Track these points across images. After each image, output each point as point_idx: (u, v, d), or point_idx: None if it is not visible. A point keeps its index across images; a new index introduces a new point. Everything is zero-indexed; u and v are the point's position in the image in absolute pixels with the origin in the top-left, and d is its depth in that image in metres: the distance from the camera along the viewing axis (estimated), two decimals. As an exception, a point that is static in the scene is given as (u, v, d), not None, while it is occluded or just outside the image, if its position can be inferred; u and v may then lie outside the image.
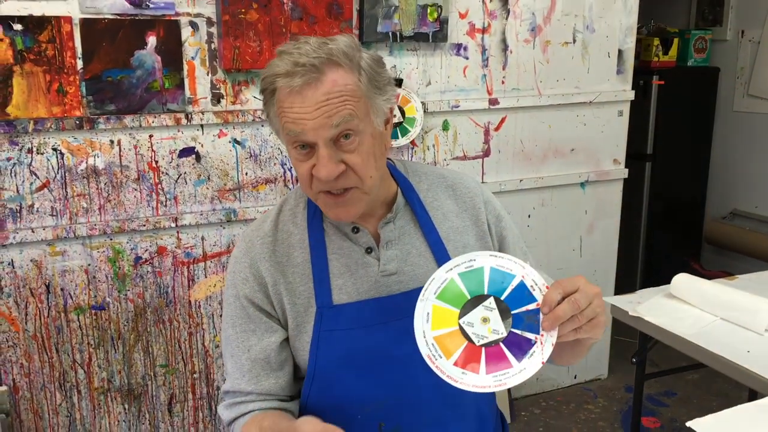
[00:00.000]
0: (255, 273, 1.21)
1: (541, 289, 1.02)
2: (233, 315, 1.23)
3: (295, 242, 1.22)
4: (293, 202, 1.27)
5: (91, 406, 2.44)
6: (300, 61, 1.05)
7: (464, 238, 1.26)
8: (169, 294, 2.47)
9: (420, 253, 1.23)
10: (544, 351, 0.98)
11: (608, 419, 3.05)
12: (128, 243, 2.37)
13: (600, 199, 3.17)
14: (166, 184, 2.39)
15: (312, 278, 1.20)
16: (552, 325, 0.98)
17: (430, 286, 1.04)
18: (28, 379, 2.34)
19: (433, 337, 1.00)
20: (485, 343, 0.99)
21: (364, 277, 1.20)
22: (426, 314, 1.02)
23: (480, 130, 2.85)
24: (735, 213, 4.17)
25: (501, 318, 1.01)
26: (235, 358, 1.22)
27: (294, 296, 1.20)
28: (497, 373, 0.98)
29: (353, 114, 1.07)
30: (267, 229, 1.24)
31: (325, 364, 1.19)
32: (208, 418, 2.64)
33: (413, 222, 1.25)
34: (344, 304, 1.20)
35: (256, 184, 2.52)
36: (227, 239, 2.51)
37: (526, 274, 1.04)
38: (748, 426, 1.39)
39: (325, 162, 1.07)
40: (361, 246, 1.21)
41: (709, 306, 1.98)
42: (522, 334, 1.00)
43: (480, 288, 1.03)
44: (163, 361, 2.52)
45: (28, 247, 2.24)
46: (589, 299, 1.00)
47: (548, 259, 3.11)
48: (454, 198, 1.28)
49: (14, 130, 2.15)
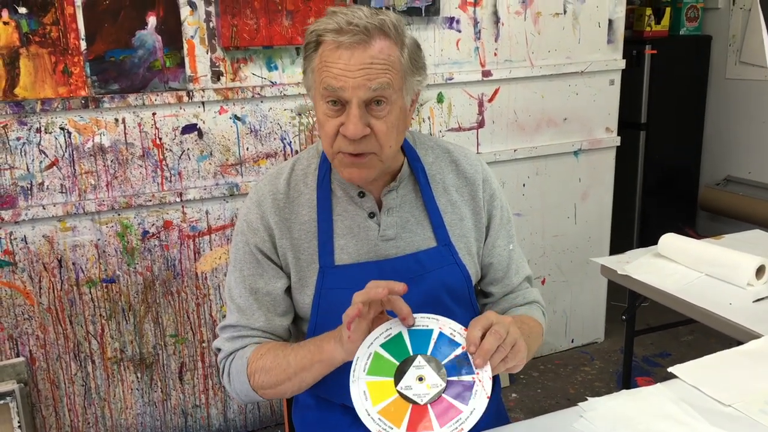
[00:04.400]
0: (265, 225, 1.27)
1: (461, 334, 1.08)
2: (241, 260, 1.29)
3: (304, 201, 1.29)
4: (305, 162, 1.33)
5: (105, 375, 2.54)
6: (353, 21, 1.11)
7: (461, 211, 1.33)
8: (176, 267, 2.56)
9: (418, 222, 1.30)
10: (485, 387, 1.02)
11: (604, 380, 3.15)
12: (135, 218, 2.46)
13: (593, 167, 3.24)
14: (170, 161, 2.47)
15: (317, 237, 1.27)
16: (483, 360, 1.03)
17: (357, 366, 1.05)
18: (44, 350, 2.43)
19: (377, 412, 1.00)
20: (429, 399, 1.01)
21: (364, 240, 1.28)
22: (363, 393, 1.02)
23: (474, 101, 2.91)
24: (729, 179, 4.23)
25: (435, 372, 1.04)
26: (243, 297, 1.28)
27: (298, 252, 1.27)
28: (451, 422, 0.99)
29: (390, 83, 1.13)
30: (280, 186, 1.29)
31: (326, 320, 1.27)
32: (218, 386, 2.73)
33: (415, 192, 1.31)
34: (345, 265, 1.27)
35: (257, 158, 2.59)
36: (230, 213, 2.59)
37: (442, 325, 1.09)
38: (728, 370, 1.47)
39: (355, 120, 1.13)
40: (365, 210, 1.28)
41: (694, 263, 2.06)
42: (459, 379, 1.03)
43: (405, 351, 1.06)
44: (172, 332, 2.61)
45: (40, 223, 2.33)
46: (506, 328, 1.06)
47: (543, 227, 3.18)
48: (456, 173, 1.35)
49: (23, 111, 2.23)
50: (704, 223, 4.38)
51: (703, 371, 1.46)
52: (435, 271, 1.29)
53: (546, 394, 3.04)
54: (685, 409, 1.31)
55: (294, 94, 2.57)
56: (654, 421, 1.27)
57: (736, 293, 1.91)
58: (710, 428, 1.25)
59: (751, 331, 1.69)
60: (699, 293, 1.93)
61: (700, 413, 1.29)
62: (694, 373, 1.44)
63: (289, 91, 2.55)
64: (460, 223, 1.32)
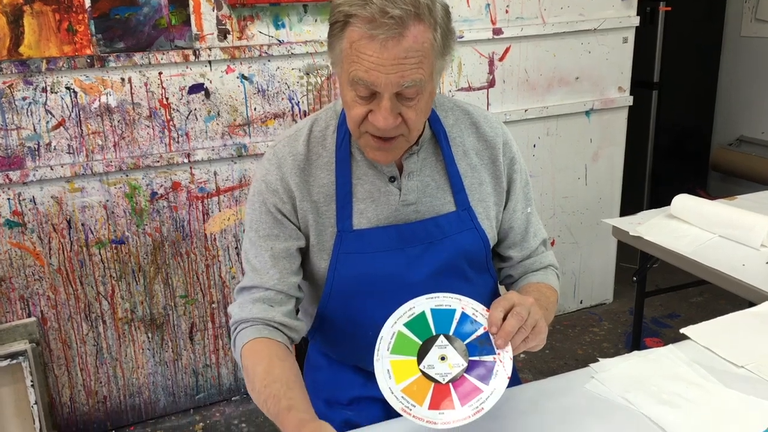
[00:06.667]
0: (285, 187, 1.24)
1: (483, 314, 1.09)
2: (257, 220, 1.26)
3: (323, 164, 1.26)
4: (323, 123, 1.29)
5: (116, 335, 2.56)
6: (388, 10, 1.02)
7: (480, 176, 1.31)
8: (185, 228, 2.56)
9: (438, 186, 1.28)
10: (506, 367, 1.04)
11: (612, 341, 3.16)
12: (144, 179, 2.45)
13: (605, 127, 3.20)
14: (178, 121, 2.45)
15: (335, 200, 1.25)
16: (505, 341, 1.05)
17: (381, 345, 1.07)
18: (55, 310, 2.45)
19: (401, 390, 1.02)
20: (450, 378, 1.03)
21: (385, 205, 1.25)
22: (387, 372, 1.04)
23: (484, 60, 2.86)
24: (741, 139, 4.18)
25: (457, 351, 1.06)
26: (258, 257, 1.24)
27: (317, 215, 1.25)
28: (472, 401, 1.01)
29: (423, 78, 1.08)
30: (300, 148, 1.26)
31: (342, 284, 1.26)
32: (228, 346, 2.75)
33: (436, 155, 1.29)
34: (364, 229, 1.25)
35: (264, 119, 2.57)
36: (239, 174, 2.58)
37: (464, 305, 1.10)
38: (740, 331, 1.46)
39: (386, 114, 1.09)
40: (385, 175, 1.25)
41: (707, 224, 2.05)
42: (481, 359, 1.05)
43: (428, 331, 1.08)
44: (182, 292, 2.62)
45: (48, 184, 2.32)
46: (528, 309, 1.07)
47: (553, 188, 3.16)
48: (477, 135, 1.32)
49: (28, 70, 2.20)
50: (716, 184, 4.35)
51: (716, 332, 1.45)
52: (454, 235, 1.27)
53: (555, 355, 3.05)
54: (697, 370, 1.30)
55: (302, 53, 2.53)
56: (666, 382, 1.27)
57: (749, 254, 1.90)
58: (723, 389, 1.24)
59: (764, 292, 1.68)
60: (712, 254, 1.92)
61: (712, 374, 1.29)
62: (707, 335, 1.44)
63: (297, 50, 2.51)
64: (479, 188, 1.30)
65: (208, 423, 2.68)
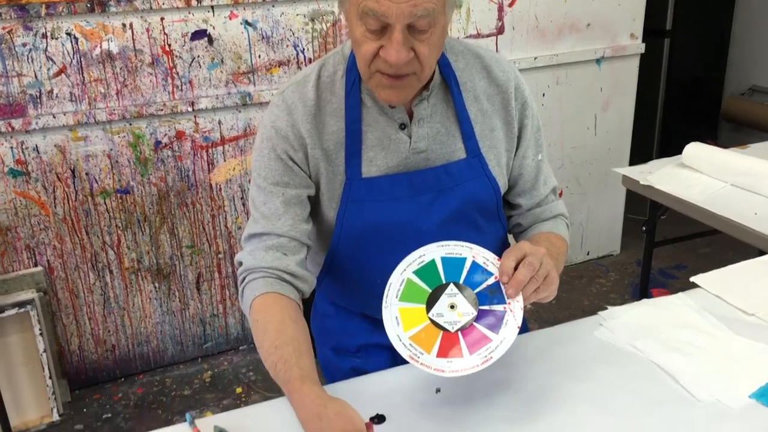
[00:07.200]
0: (296, 134, 1.21)
1: (494, 263, 1.07)
2: (266, 167, 1.22)
3: (333, 110, 1.22)
4: (331, 68, 1.24)
5: (123, 285, 2.57)
6: None
7: (492, 122, 1.27)
8: (190, 178, 2.54)
9: (449, 132, 1.25)
10: (516, 317, 1.02)
11: (619, 291, 3.15)
12: (147, 128, 2.42)
13: (616, 76, 3.14)
14: (181, 68, 2.40)
15: (344, 148, 1.22)
16: (516, 290, 1.03)
17: (390, 292, 1.05)
18: (61, 260, 2.45)
19: (409, 338, 1.01)
20: (459, 327, 1.02)
21: (395, 152, 1.22)
22: (395, 319, 1.03)
23: (494, 6, 2.79)
24: (754, 89, 4.10)
25: (467, 300, 1.04)
26: (269, 204, 1.21)
27: (328, 163, 1.22)
28: (480, 350, 1.00)
29: (436, 8, 1.04)
30: (309, 94, 1.22)
31: (351, 233, 1.24)
32: (235, 296, 2.76)
33: (446, 101, 1.25)
34: (373, 177, 1.22)
35: (269, 66, 2.52)
36: (243, 123, 2.54)
37: (475, 254, 1.08)
38: (751, 279, 1.44)
39: (398, 47, 1.05)
40: (396, 121, 1.22)
41: (719, 173, 2.01)
42: (491, 308, 1.03)
43: (437, 279, 1.06)
44: (188, 243, 2.61)
45: (51, 132, 2.30)
46: (540, 259, 1.05)
47: (563, 137, 3.12)
48: (488, 80, 1.28)
49: (27, 15, 2.16)
50: (727, 135, 4.29)
51: (726, 281, 1.44)
52: (465, 183, 1.24)
53: (561, 305, 3.05)
54: (707, 318, 1.29)
55: (306, -2, 2.47)
56: (675, 330, 1.26)
57: (761, 203, 1.87)
58: (732, 336, 1.23)
59: (776, 240, 1.66)
60: (723, 203, 1.89)
61: (722, 322, 1.27)
62: (717, 283, 1.42)
63: (302, -5, 2.45)
64: (490, 134, 1.27)
65: (216, 371, 2.71)
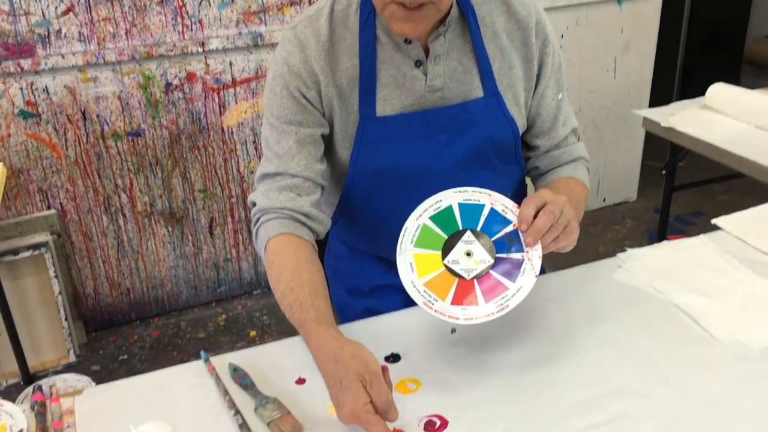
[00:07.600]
0: (309, 70, 1.16)
1: (513, 211, 1.04)
2: (280, 105, 1.18)
3: (346, 47, 1.17)
4: (345, 2, 1.19)
5: (136, 228, 2.56)
6: None
7: (510, 59, 1.22)
8: (201, 120, 2.51)
9: (466, 70, 1.20)
10: (534, 265, 0.99)
11: (636, 238, 3.12)
12: (158, 69, 2.38)
13: (637, 17, 3.04)
14: (190, 7, 2.35)
15: (358, 86, 1.17)
16: (535, 239, 1.00)
17: (405, 237, 1.03)
18: (74, 203, 2.44)
19: (423, 284, 0.99)
20: (475, 275, 0.99)
21: (410, 90, 1.18)
22: (409, 265, 1.01)
23: (512, -58, 2.70)
24: (779, 32, 3.99)
25: (483, 248, 1.01)
26: (282, 144, 1.18)
27: (342, 101, 1.18)
28: (496, 298, 0.98)
29: None
30: (323, 29, 1.17)
31: (365, 173, 1.20)
32: (248, 241, 2.76)
33: (463, 37, 1.20)
34: (388, 116, 1.18)
35: (281, 6, 2.46)
36: (255, 65, 2.50)
37: (494, 200, 1.04)
38: (773, 223, 1.42)
39: None
40: (411, 58, 1.17)
41: (743, 114, 1.96)
42: (508, 256, 1.01)
43: (454, 225, 1.03)
44: (201, 186, 2.60)
45: (60, 73, 2.26)
46: (560, 208, 1.01)
47: (581, 81, 3.05)
48: (507, 15, 1.22)
49: (32, -49, 2.11)
50: (749, 79, 4.17)
51: (748, 223, 1.42)
52: (482, 123, 1.20)
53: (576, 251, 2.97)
54: (728, 260, 1.27)
55: (319, -66, 2.39)
56: (696, 271, 1.24)
57: (786, 145, 1.83)
58: (754, 277, 1.21)
59: (801, 183, 1.62)
60: (747, 145, 1.85)
61: (743, 264, 1.25)
62: (739, 225, 1.40)
63: (314, -70, 2.38)
64: (509, 72, 1.22)
65: (230, 315, 2.72)
